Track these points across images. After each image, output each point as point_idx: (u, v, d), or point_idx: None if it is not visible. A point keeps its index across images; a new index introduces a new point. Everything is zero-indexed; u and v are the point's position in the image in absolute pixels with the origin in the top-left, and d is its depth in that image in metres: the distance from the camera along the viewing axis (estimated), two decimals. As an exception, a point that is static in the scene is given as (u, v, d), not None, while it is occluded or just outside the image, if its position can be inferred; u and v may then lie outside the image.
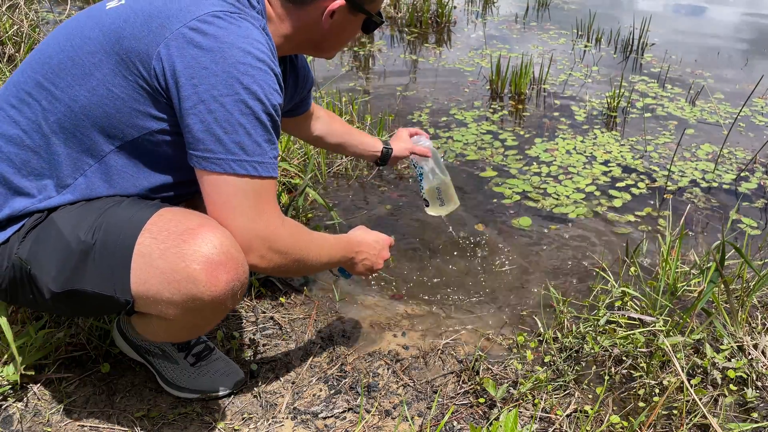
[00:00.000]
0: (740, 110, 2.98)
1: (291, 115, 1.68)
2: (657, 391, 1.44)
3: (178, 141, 1.12)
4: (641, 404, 1.42)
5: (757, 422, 1.36)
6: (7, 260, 1.11)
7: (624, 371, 1.51)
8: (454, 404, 1.41)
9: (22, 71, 1.17)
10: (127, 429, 1.32)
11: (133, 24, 1.07)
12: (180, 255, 1.03)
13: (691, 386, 1.40)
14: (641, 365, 1.50)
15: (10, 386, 1.37)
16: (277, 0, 1.24)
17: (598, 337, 1.56)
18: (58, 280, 1.07)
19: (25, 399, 1.38)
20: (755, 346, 1.49)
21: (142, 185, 1.17)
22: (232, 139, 1.06)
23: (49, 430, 1.31)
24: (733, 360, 1.47)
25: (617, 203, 2.35)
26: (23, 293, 1.13)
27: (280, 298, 1.77)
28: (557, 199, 2.37)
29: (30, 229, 1.11)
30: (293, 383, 1.47)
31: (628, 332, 1.54)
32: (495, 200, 2.36)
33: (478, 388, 1.45)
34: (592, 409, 1.37)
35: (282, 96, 1.15)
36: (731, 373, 1.45)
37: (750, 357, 1.48)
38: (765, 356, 1.47)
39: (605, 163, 2.65)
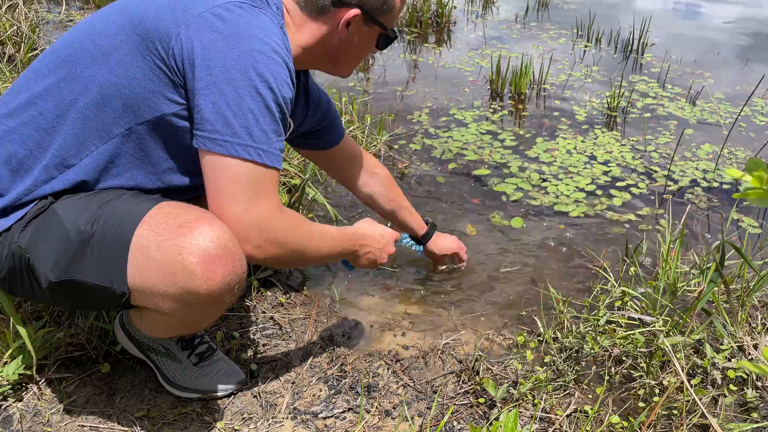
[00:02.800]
0: (741, 110, 2.98)
1: (314, 144, 1.66)
2: (657, 391, 1.44)
3: (189, 128, 1.13)
4: (641, 404, 1.42)
5: (757, 422, 1.36)
6: (7, 249, 1.11)
7: (624, 371, 1.51)
8: (454, 404, 1.41)
9: (42, 58, 1.19)
10: (127, 429, 1.32)
11: (158, 8, 1.10)
12: (177, 247, 1.03)
13: (691, 386, 1.40)
14: (641, 365, 1.50)
15: (10, 386, 1.37)
16: (296, 9, 1.27)
17: (598, 337, 1.56)
18: (55, 270, 1.07)
19: (25, 399, 1.38)
20: (755, 346, 1.49)
21: (148, 170, 1.18)
22: (240, 123, 1.06)
23: (49, 430, 1.31)
24: (733, 360, 1.47)
25: (617, 203, 2.35)
26: (21, 283, 1.14)
27: (280, 298, 1.77)
28: (557, 198, 2.37)
29: (32, 218, 1.11)
30: (293, 383, 1.47)
31: (628, 332, 1.54)
32: (494, 199, 2.36)
33: (478, 388, 1.45)
34: (592, 409, 1.37)
35: (293, 92, 1.16)
36: (731, 373, 1.45)
37: (750, 357, 1.48)
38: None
39: (605, 162, 2.65)
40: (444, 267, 1.94)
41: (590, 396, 1.45)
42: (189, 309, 1.09)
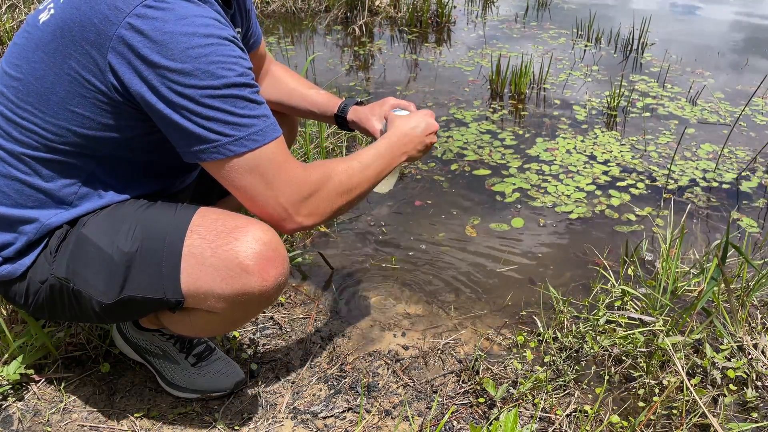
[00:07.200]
0: (743, 109, 2.98)
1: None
2: (657, 390, 1.44)
3: (159, 132, 1.11)
4: (641, 404, 1.42)
5: (757, 422, 1.36)
6: (39, 282, 1.12)
7: (624, 371, 1.51)
8: (454, 404, 1.41)
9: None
10: (127, 429, 1.32)
11: (71, 38, 1.02)
12: (233, 252, 1.06)
13: (691, 386, 1.40)
14: (641, 365, 1.50)
15: (10, 386, 1.37)
16: None
17: (598, 337, 1.56)
18: (108, 294, 1.09)
19: (25, 399, 1.38)
20: (755, 346, 1.48)
21: (139, 177, 1.18)
22: (217, 126, 1.02)
23: (49, 430, 1.31)
24: (732, 360, 1.47)
25: (617, 202, 2.35)
26: (62, 308, 1.15)
27: (280, 298, 1.77)
28: (557, 198, 2.37)
29: (58, 245, 1.12)
30: (293, 383, 1.47)
31: (628, 332, 1.54)
32: (494, 199, 2.36)
33: (478, 387, 1.45)
34: (591, 408, 1.37)
35: (246, 54, 1.10)
36: (731, 373, 1.45)
37: (750, 357, 1.48)
38: (765, 356, 1.47)
39: (605, 162, 2.65)
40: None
41: (590, 396, 1.45)
42: (240, 308, 1.12)
